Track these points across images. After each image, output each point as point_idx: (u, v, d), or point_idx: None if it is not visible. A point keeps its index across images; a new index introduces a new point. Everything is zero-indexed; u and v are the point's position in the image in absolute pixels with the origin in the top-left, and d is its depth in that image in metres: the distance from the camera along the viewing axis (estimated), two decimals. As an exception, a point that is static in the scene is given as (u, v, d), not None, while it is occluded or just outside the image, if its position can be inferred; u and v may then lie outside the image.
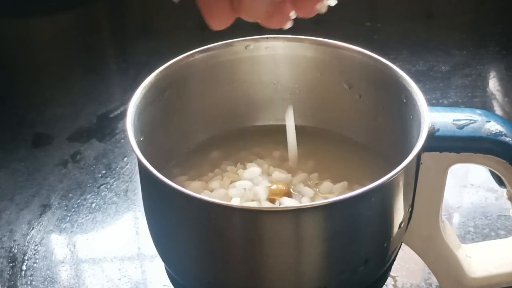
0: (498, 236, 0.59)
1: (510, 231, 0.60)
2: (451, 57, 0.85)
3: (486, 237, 0.59)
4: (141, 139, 0.45)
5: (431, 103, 0.75)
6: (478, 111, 0.45)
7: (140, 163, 0.42)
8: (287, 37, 0.51)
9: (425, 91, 0.70)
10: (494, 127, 0.44)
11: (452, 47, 0.87)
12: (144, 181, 0.45)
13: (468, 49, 0.87)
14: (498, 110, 0.76)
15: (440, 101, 0.76)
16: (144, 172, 0.44)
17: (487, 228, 0.60)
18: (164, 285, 0.56)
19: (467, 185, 0.65)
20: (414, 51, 0.85)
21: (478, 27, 0.94)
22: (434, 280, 0.54)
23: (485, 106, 0.76)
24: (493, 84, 0.81)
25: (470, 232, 0.60)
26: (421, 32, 0.93)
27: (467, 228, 0.60)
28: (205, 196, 0.41)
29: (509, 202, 0.48)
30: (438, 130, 0.44)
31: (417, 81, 0.47)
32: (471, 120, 0.44)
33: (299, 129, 0.52)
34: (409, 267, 0.56)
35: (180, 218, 0.42)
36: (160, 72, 0.48)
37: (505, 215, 0.61)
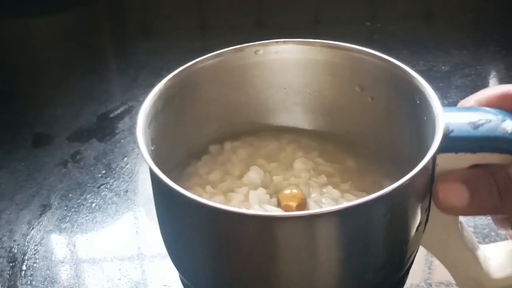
0: (498, 236, 0.59)
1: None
2: (451, 57, 0.84)
3: (486, 237, 0.59)
4: (152, 148, 0.44)
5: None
6: (493, 110, 0.44)
7: (152, 173, 0.41)
8: (297, 41, 0.50)
9: (425, 91, 0.70)
10: (510, 126, 0.42)
11: (452, 47, 0.87)
12: (157, 191, 0.44)
13: (468, 49, 0.87)
14: (498, 110, 0.76)
15: (440, 101, 0.76)
16: (157, 182, 0.42)
17: (487, 228, 0.60)
18: (164, 285, 0.56)
19: (467, 185, 0.65)
20: (414, 51, 0.85)
21: (478, 27, 0.94)
22: (434, 280, 0.54)
23: (485, 106, 0.76)
24: (493, 84, 0.81)
25: (470, 232, 0.60)
26: (421, 32, 0.93)
27: (467, 228, 0.60)
28: (218, 204, 0.39)
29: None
30: (452, 131, 0.42)
31: (417, 81, 0.47)
32: (486, 119, 0.43)
33: (311, 134, 0.52)
34: (409, 267, 0.56)
35: (194, 226, 0.41)
36: (170, 79, 0.47)
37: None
